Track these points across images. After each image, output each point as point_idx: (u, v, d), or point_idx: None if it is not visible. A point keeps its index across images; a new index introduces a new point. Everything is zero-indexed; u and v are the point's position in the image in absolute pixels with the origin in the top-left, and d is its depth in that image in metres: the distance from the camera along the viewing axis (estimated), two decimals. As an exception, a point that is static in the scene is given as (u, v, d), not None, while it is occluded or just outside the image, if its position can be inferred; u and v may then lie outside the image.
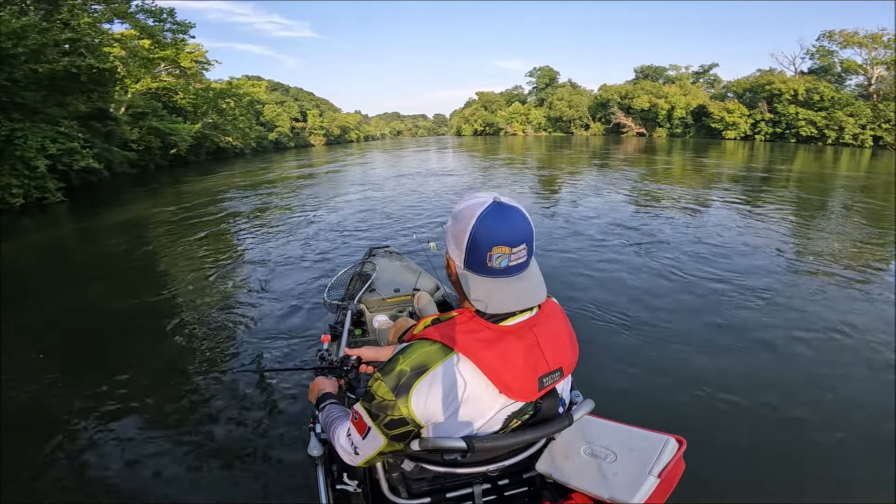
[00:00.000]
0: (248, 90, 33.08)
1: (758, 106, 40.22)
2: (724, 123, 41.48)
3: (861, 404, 2.68)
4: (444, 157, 25.79)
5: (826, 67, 39.66)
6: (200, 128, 27.38)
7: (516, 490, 1.18)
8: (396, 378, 0.89)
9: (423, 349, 0.91)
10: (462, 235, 0.89)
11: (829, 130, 35.90)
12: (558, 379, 0.96)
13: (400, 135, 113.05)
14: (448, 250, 0.96)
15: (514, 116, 64.35)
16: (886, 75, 35.61)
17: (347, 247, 6.58)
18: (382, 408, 0.90)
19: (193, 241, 7.37)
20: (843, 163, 20.83)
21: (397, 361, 0.91)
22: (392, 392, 0.89)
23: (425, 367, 0.88)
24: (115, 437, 2.60)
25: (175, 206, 11.37)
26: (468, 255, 0.89)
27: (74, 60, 13.10)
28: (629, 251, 5.89)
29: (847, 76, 39.06)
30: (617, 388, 2.87)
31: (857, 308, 4.05)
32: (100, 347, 3.85)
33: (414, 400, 0.88)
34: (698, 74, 51.56)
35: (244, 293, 4.91)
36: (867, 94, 36.42)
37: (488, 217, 0.87)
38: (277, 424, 2.62)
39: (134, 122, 21.04)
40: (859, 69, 37.08)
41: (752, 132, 40.77)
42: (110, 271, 6.11)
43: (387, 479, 1.11)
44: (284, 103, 53.76)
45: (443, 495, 1.12)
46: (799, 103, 37.76)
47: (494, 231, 0.87)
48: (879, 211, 8.50)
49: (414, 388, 0.88)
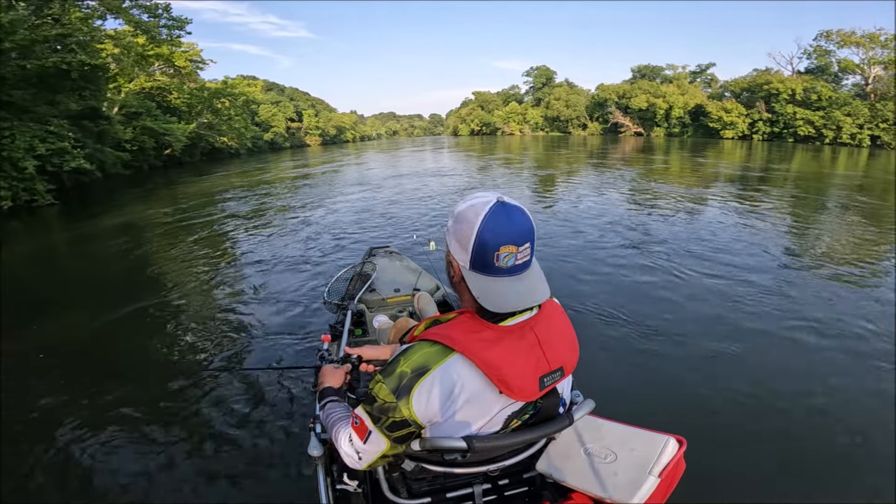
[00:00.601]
0: (243, 90, 32.89)
1: (755, 105, 40.44)
2: (722, 123, 41.69)
3: (863, 406, 2.69)
4: (442, 158, 25.78)
5: (822, 67, 39.93)
6: (195, 128, 27.24)
7: (516, 490, 1.19)
8: (397, 380, 0.90)
9: (424, 350, 0.91)
10: (467, 236, 0.89)
11: (826, 130, 36.12)
12: (559, 378, 0.97)
13: (396, 135, 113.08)
14: (451, 252, 0.95)
15: (511, 116, 64.36)
16: (883, 75, 35.85)
17: (347, 247, 6.59)
18: (384, 410, 0.91)
19: (191, 243, 7.34)
20: (842, 162, 20.96)
21: (398, 363, 0.91)
22: (393, 394, 0.89)
23: (426, 368, 0.89)
24: (114, 437, 2.61)
25: (170, 207, 11.29)
26: (475, 256, 0.89)
27: (65, 57, 12.71)
28: (628, 251, 5.91)
29: (844, 76, 39.36)
30: (617, 388, 2.88)
31: (862, 308, 4.05)
32: (98, 349, 3.83)
33: (415, 401, 0.88)
34: (695, 74, 51.78)
35: (244, 294, 4.91)
36: (864, 93, 36.66)
37: (494, 217, 0.88)
38: (277, 424, 2.63)
39: (127, 121, 20.79)
40: (857, 69, 37.33)
41: (749, 132, 40.99)
42: (103, 275, 6.09)
43: (387, 479, 1.12)
44: (280, 103, 53.68)
45: (443, 495, 1.13)
46: (797, 103, 37.98)
47: (501, 231, 0.87)
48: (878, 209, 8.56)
49: (415, 389, 0.88)
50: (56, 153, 12.62)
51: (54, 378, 3.28)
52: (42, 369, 3.43)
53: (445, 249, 0.98)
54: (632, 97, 49.24)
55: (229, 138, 32.91)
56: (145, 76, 25.14)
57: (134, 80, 24.05)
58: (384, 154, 31.26)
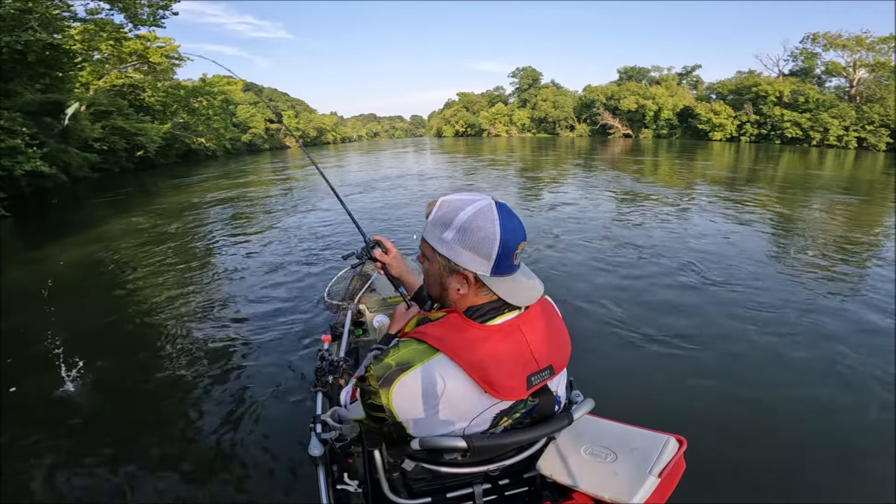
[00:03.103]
0: (223, 88, 32.36)
1: (743, 107, 41.42)
2: (711, 125, 42.58)
3: (864, 406, 2.75)
4: (430, 160, 25.78)
5: (806, 70, 41.22)
6: (170, 128, 26.75)
7: (517, 490, 1.21)
8: (384, 369, 0.94)
9: (412, 347, 0.95)
10: (488, 243, 0.91)
11: (813, 132, 37.16)
12: (549, 377, 0.99)
13: (377, 136, 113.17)
14: (457, 263, 0.94)
15: (497, 117, 64.71)
16: (867, 77, 37.06)
17: (348, 247, 6.62)
18: (368, 392, 0.97)
19: (174, 249, 7.15)
20: (829, 164, 21.52)
21: (388, 354, 0.96)
22: (377, 381, 0.94)
23: (409, 364, 0.93)
24: (114, 436, 2.65)
25: (146, 212, 10.75)
26: (499, 261, 0.92)
27: (20, 36, 10.80)
28: (628, 252, 5.96)
29: (827, 78, 40.64)
30: (617, 388, 2.91)
31: (862, 308, 4.13)
32: (96, 350, 3.79)
33: (395, 394, 0.93)
34: (681, 76, 52.78)
35: (242, 295, 4.97)
36: (850, 96, 37.81)
37: (504, 218, 0.92)
38: (277, 424, 2.68)
39: (96, 120, 20.05)
40: (843, 71, 38.51)
41: (737, 134, 41.96)
42: (71, 288, 5.94)
43: (387, 479, 1.14)
44: (258, 104, 53.20)
45: (443, 495, 1.15)
46: (784, 105, 39.01)
47: (515, 230, 0.93)
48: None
49: (395, 382, 0.93)
50: (6, 153, 10.81)
51: (52, 378, 3.21)
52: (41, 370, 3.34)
53: (440, 262, 0.97)
54: (621, 98, 49.96)
55: (207, 139, 32.43)
56: (116, 73, 24.56)
57: (103, 78, 23.45)
58: (369, 157, 31.05)
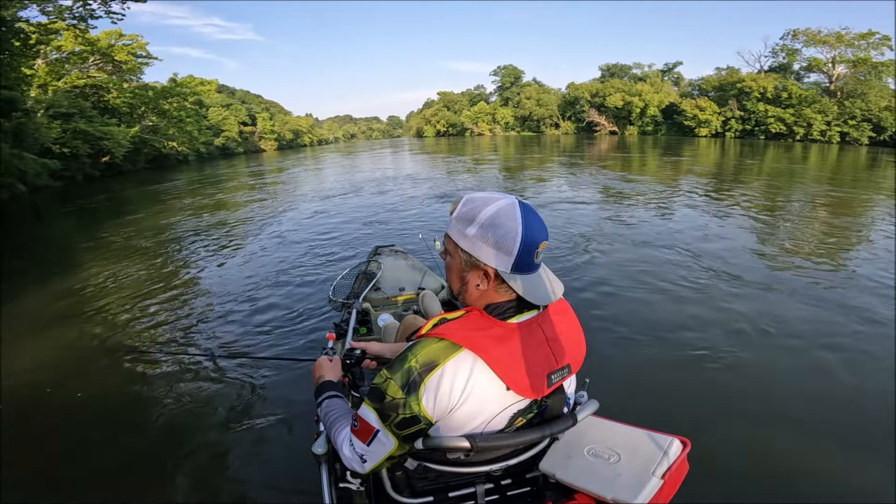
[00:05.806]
0: (196, 89, 31.74)
1: (727, 104, 42.46)
2: (696, 121, 43.54)
3: (866, 407, 2.77)
4: (413, 161, 25.68)
5: (784, 66, 42.65)
6: (138, 131, 26.15)
7: (519, 490, 1.22)
8: (406, 375, 0.92)
9: (433, 346, 0.94)
10: (510, 240, 0.94)
11: (797, 127, 38.38)
12: (566, 375, 1.02)
13: (354, 138, 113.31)
14: (478, 258, 0.96)
15: (479, 116, 65.00)
16: (846, 73, 38.38)
17: (351, 246, 6.74)
18: (393, 407, 0.93)
19: (162, 260, 6.92)
20: (813, 158, 22.12)
21: (406, 359, 0.94)
22: (402, 390, 0.92)
23: (434, 363, 0.92)
24: (113, 436, 2.65)
25: (118, 224, 10.19)
26: (520, 258, 0.94)
27: None
28: (631, 253, 6.00)
29: (805, 74, 42.22)
30: (620, 389, 2.92)
31: (864, 308, 4.15)
32: (95, 352, 3.82)
33: (424, 396, 0.91)
34: (663, 72, 53.83)
35: (244, 292, 5.00)
36: (829, 91, 39.09)
37: (526, 217, 0.94)
38: (280, 421, 2.69)
39: (54, 121, 19.10)
40: (823, 67, 39.79)
41: (722, 129, 42.99)
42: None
43: (390, 478, 1.15)
44: (231, 106, 52.57)
45: (445, 494, 1.16)
46: (767, 101, 40.14)
47: (537, 229, 0.96)
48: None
49: (423, 384, 0.91)
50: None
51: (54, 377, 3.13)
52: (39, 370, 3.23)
53: (461, 257, 0.99)
54: (606, 96, 50.70)
55: (179, 143, 31.80)
56: (77, 73, 23.85)
57: (63, 77, 22.71)
58: (350, 159, 30.79)
